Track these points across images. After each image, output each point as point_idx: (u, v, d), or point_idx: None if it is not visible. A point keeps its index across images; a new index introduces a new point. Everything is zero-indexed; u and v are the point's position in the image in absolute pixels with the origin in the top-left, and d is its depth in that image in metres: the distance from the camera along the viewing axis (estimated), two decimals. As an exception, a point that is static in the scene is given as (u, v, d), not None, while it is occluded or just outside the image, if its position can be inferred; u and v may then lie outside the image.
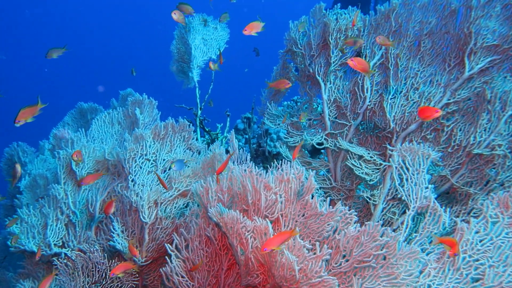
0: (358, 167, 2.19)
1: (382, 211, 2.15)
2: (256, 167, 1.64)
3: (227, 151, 3.72)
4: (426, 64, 2.31)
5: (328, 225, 1.51)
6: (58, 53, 2.44)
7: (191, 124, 2.22)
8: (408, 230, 1.64)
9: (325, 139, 2.38)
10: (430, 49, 2.30)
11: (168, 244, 1.66)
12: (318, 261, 1.36)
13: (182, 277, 1.61)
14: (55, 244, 2.07)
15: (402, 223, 2.01)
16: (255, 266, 1.47)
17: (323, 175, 2.37)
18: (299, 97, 4.23)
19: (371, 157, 2.23)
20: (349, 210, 1.51)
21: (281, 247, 1.38)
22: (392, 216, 2.14)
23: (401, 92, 2.31)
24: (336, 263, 1.47)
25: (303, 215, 1.54)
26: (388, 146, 1.89)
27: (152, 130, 2.23)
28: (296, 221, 1.54)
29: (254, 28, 2.30)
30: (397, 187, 1.74)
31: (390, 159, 1.79)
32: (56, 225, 2.12)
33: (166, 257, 1.63)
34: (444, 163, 2.18)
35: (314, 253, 1.39)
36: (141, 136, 2.18)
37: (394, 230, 2.09)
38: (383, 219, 2.17)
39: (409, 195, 1.70)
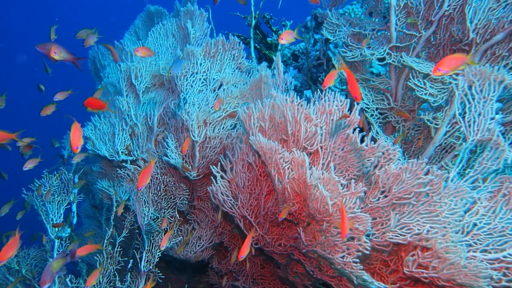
0: (422, 88, 1.96)
1: (445, 134, 1.98)
2: (297, 96, 1.56)
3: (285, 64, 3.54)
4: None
5: (368, 160, 1.44)
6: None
7: (241, 42, 2.11)
8: (461, 165, 1.50)
9: (388, 53, 2.12)
10: None
11: (213, 166, 1.76)
12: (352, 197, 1.35)
13: (227, 196, 1.74)
14: (122, 152, 2.31)
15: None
16: (292, 195, 1.52)
17: (382, 94, 2.19)
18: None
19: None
20: (393, 145, 1.41)
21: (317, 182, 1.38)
22: (455, 141, 1.96)
23: (491, -8, 1.89)
24: (374, 198, 1.45)
25: (343, 149, 1.49)
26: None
27: (203, 47, 2.18)
28: (335, 155, 1.50)
29: None
30: (456, 117, 1.55)
31: (454, 84, 1.56)
32: (122, 135, 2.34)
33: (212, 177, 1.75)
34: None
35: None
36: (192, 53, 2.16)
37: (455, 156, 1.94)
38: (445, 143, 2.00)
39: (469, 126, 1.51)
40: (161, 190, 1.85)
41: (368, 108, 2.17)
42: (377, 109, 2.17)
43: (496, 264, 1.18)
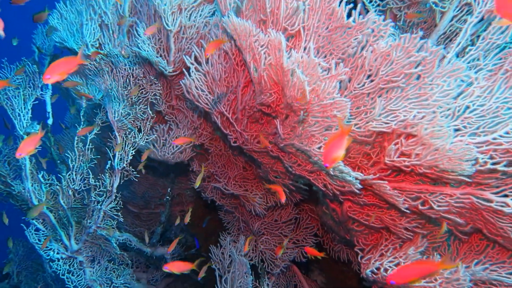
0: (429, -36, 1.67)
1: (451, 20, 1.74)
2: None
3: None
4: None
5: (355, 39, 1.25)
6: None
7: None
8: (462, 43, 1.31)
9: None
10: None
11: (187, 56, 1.58)
12: (332, 81, 1.19)
13: (202, 91, 1.59)
14: (92, 45, 2.09)
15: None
16: (268, 84, 1.36)
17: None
18: None
19: None
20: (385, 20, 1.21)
21: (296, 71, 1.22)
22: (462, 26, 1.74)
23: None
24: (358, 84, 1.29)
25: (327, 28, 1.29)
26: None
27: None
28: (319, 36, 1.31)
29: None
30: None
31: None
32: (91, 25, 2.09)
33: (184, 69, 1.58)
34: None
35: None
36: None
37: (459, 45, 1.73)
38: (450, 30, 1.78)
39: (479, -3, 1.29)
40: (131, 83, 1.70)
41: (366, -6, 1.90)
42: (376, -6, 1.89)
43: (484, 147, 1.06)
